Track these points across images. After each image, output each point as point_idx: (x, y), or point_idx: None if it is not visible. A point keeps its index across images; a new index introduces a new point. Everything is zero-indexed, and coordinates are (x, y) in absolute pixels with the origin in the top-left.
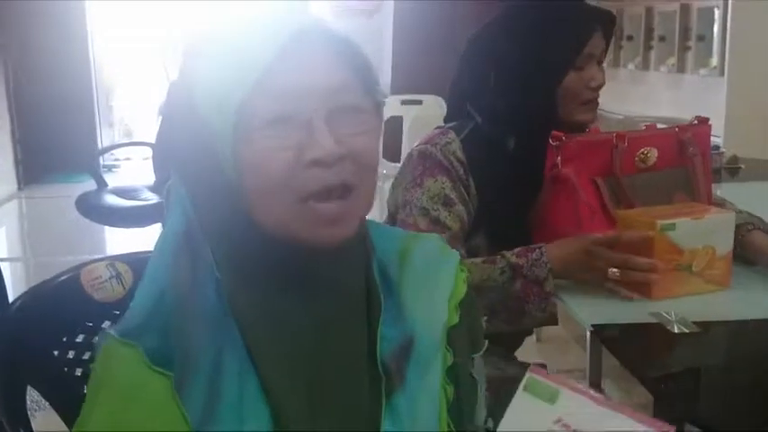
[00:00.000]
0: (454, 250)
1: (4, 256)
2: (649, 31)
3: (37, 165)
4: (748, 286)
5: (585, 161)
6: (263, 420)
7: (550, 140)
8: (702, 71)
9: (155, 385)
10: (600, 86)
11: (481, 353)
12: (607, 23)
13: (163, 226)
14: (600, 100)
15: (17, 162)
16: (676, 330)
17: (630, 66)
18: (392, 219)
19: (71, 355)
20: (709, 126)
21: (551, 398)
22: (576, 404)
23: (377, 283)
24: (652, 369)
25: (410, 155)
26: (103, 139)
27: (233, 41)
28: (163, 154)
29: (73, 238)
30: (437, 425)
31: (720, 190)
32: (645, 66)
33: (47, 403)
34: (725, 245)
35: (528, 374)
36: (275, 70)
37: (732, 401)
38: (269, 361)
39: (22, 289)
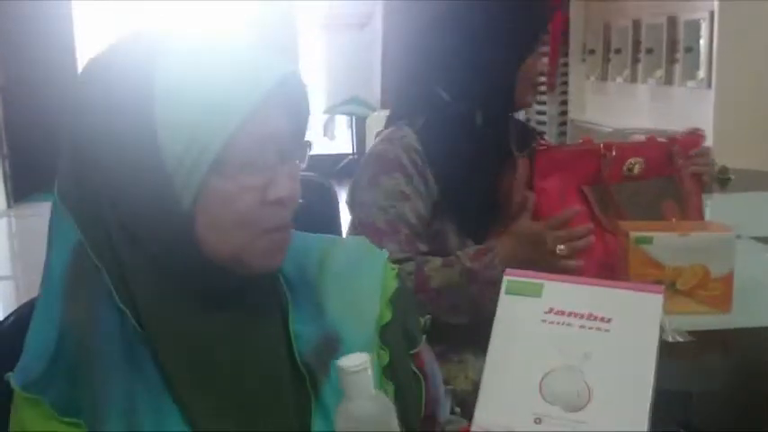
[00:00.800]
0: (382, 249)
1: None
2: (637, 44)
3: (26, 182)
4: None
5: (573, 170)
6: None
7: (537, 147)
8: (690, 83)
9: None
10: (543, 73)
11: (418, 348)
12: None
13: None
14: (589, 113)
15: (6, 179)
16: (671, 339)
17: (619, 79)
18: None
19: None
20: (700, 137)
21: (536, 292)
22: (563, 290)
23: (281, 285)
24: None
25: (368, 155)
26: None
27: (221, 80)
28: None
29: None
30: None
31: (711, 201)
32: (633, 78)
33: None
34: (722, 266)
35: (505, 278)
36: (257, 115)
37: (725, 408)
38: (187, 386)
39: (12, 307)
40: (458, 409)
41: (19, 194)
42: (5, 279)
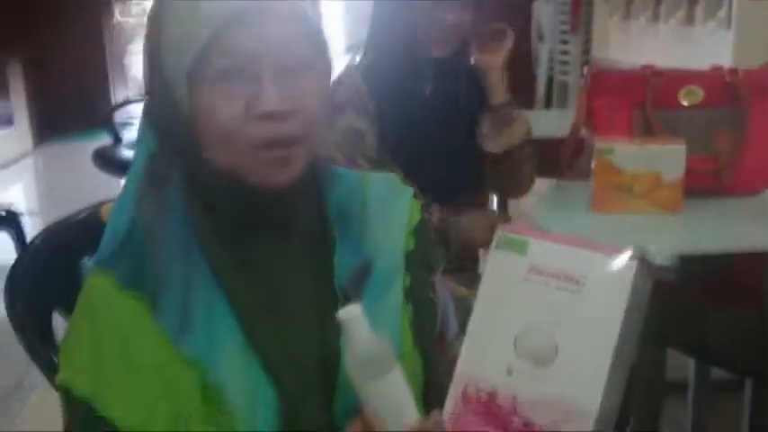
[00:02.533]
0: (408, 186)
1: (23, 210)
2: None
3: (51, 122)
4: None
5: (622, 93)
6: (234, 334)
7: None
8: (710, 23)
9: (129, 307)
10: (454, 24)
11: (437, 275)
12: None
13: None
14: (612, 52)
15: (32, 119)
16: (659, 262)
17: (642, 18)
18: None
19: None
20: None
21: (522, 249)
22: (545, 249)
23: (330, 219)
24: None
25: None
26: (117, 97)
27: None
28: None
29: (88, 193)
30: (399, 340)
31: None
32: (655, 18)
33: (41, 383)
34: (672, 173)
35: (499, 232)
36: (232, 26)
37: (706, 325)
38: (235, 285)
39: None
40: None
41: (44, 134)
42: (34, 214)
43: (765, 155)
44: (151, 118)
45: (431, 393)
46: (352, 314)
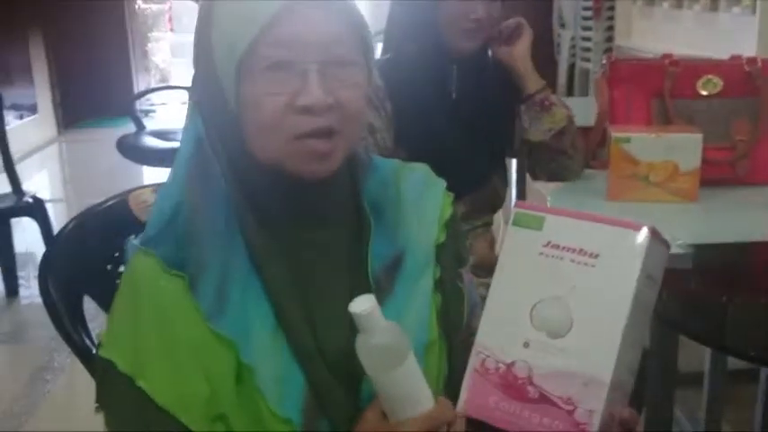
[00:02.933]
0: (440, 178)
1: (48, 197)
2: None
3: (75, 109)
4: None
5: (641, 82)
6: (267, 320)
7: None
8: (735, 9)
9: (169, 285)
10: (479, 19)
11: (466, 267)
12: None
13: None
14: (635, 39)
15: (56, 107)
16: (673, 250)
17: (665, 4)
18: None
19: (122, 269)
20: None
21: (538, 225)
22: (561, 225)
23: (365, 209)
24: None
25: None
26: (140, 85)
27: None
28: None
29: (113, 180)
30: (427, 329)
31: None
32: (679, 4)
33: (69, 365)
34: (689, 162)
35: (514, 210)
36: (279, 22)
37: (722, 314)
38: (270, 271)
39: None
40: None
41: (68, 121)
42: (59, 201)
43: None
44: (198, 106)
45: (455, 381)
46: (364, 306)
